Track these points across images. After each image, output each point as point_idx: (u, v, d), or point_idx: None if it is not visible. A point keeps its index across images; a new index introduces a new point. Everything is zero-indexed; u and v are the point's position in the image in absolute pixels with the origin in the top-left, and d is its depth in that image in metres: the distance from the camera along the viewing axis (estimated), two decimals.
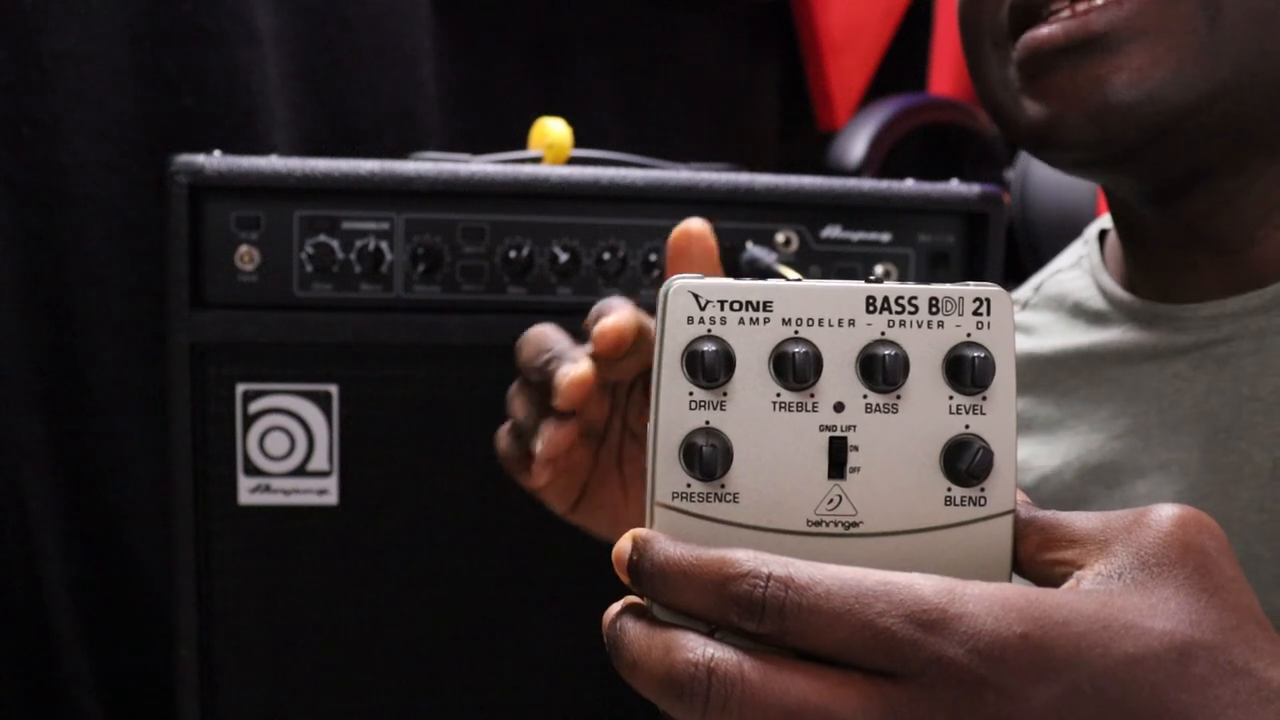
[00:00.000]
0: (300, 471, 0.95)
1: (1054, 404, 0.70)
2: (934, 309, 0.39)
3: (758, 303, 0.38)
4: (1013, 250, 1.35)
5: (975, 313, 0.39)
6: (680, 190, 0.97)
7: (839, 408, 0.39)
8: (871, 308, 0.39)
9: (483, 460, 0.99)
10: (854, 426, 0.39)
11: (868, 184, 1.02)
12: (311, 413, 0.95)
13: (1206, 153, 0.60)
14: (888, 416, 0.39)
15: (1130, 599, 0.36)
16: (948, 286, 0.39)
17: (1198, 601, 0.36)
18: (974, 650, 0.34)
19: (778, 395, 0.38)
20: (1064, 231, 0.84)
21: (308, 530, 0.96)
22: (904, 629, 0.34)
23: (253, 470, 0.95)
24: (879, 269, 1.02)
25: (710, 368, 0.38)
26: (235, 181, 0.91)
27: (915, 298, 0.39)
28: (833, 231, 1.00)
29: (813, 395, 0.38)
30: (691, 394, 0.38)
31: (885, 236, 1.01)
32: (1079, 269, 0.75)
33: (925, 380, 0.39)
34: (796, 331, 0.38)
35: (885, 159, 1.49)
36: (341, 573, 0.97)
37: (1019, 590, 0.36)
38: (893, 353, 0.38)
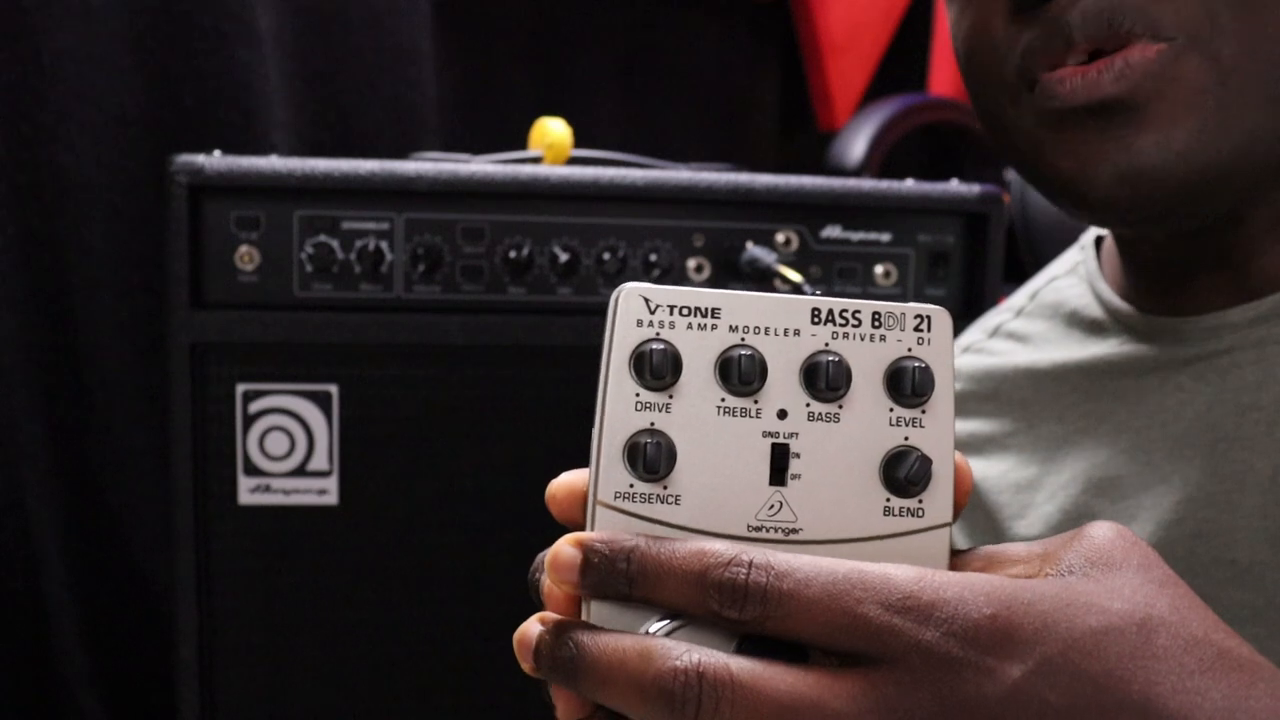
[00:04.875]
0: (300, 471, 0.95)
1: (1056, 420, 0.70)
2: (876, 323, 0.40)
3: (706, 309, 0.39)
4: (1013, 250, 1.35)
5: (916, 329, 0.40)
6: (680, 190, 0.97)
7: (782, 415, 0.39)
8: (816, 319, 0.39)
9: (482, 460, 0.99)
10: (796, 434, 0.39)
11: (868, 184, 1.02)
12: (311, 413, 0.95)
13: (1235, 196, 0.60)
14: (829, 425, 0.39)
15: (1088, 585, 0.37)
16: (891, 304, 0.40)
17: (1149, 587, 0.38)
18: (950, 633, 0.35)
19: (722, 400, 0.39)
20: (1064, 232, 0.84)
21: (308, 530, 0.96)
22: (882, 615, 0.36)
23: (253, 470, 0.95)
24: (878, 269, 1.02)
25: (658, 368, 0.38)
26: (235, 181, 0.92)
27: (859, 311, 0.40)
28: (833, 231, 1.00)
29: (756, 401, 0.39)
30: (638, 395, 0.39)
31: (885, 236, 1.01)
32: (1075, 276, 0.75)
33: (866, 392, 0.39)
34: (743, 339, 0.39)
35: (885, 159, 1.49)
36: (341, 573, 0.97)
37: (984, 577, 0.37)
38: (836, 361, 0.39)
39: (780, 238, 0.99)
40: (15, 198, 1.11)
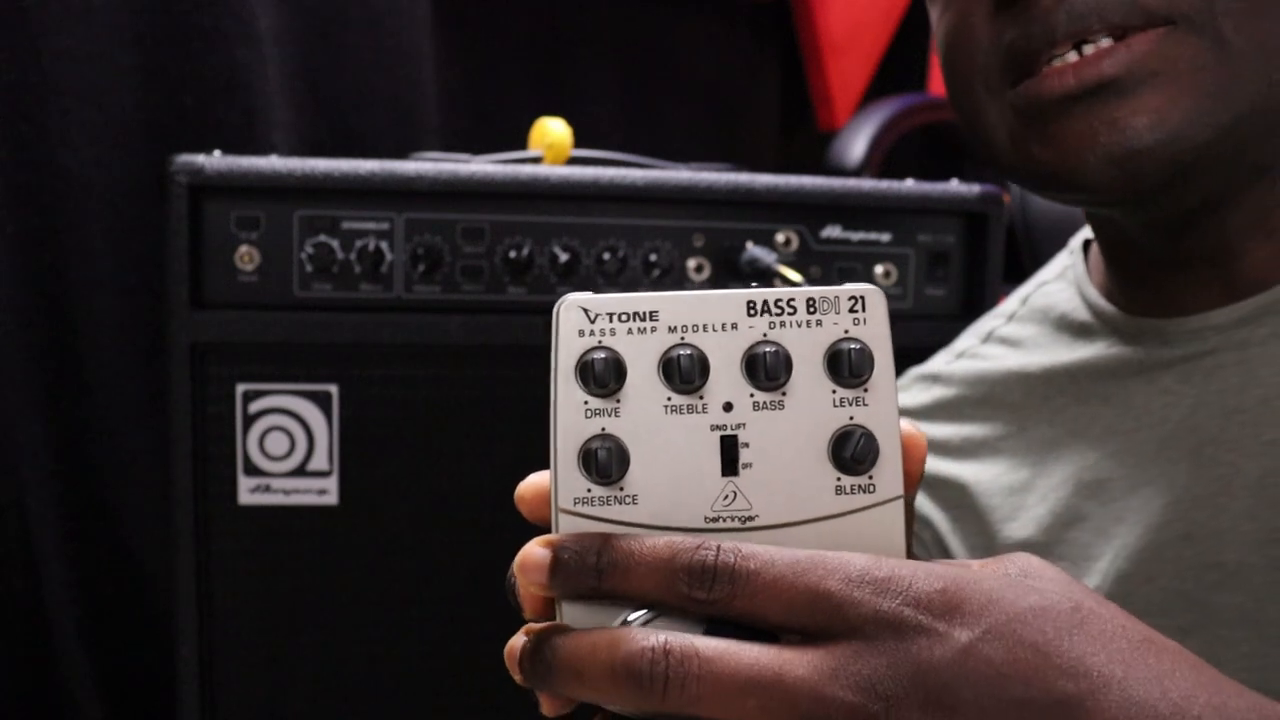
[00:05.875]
0: (300, 471, 0.95)
1: (1047, 423, 0.70)
2: (811, 309, 0.41)
3: (644, 313, 0.41)
4: (1013, 250, 1.35)
5: (851, 310, 0.41)
6: (680, 190, 0.97)
7: (728, 407, 0.40)
8: (752, 311, 0.41)
9: (483, 460, 0.99)
10: (743, 424, 0.40)
11: (868, 184, 1.02)
12: (311, 413, 0.95)
13: (1218, 182, 0.60)
14: (775, 413, 0.40)
15: (1027, 581, 0.40)
16: (824, 288, 0.41)
17: (1078, 593, 0.40)
18: (905, 602, 0.38)
19: (669, 399, 0.40)
20: (1064, 231, 0.84)
21: (308, 530, 0.96)
22: (844, 590, 0.38)
23: (253, 470, 0.95)
24: (879, 269, 1.02)
25: (601, 376, 0.40)
26: (235, 181, 0.92)
27: (793, 300, 0.41)
28: (833, 231, 1.01)
29: (702, 397, 0.40)
30: (586, 403, 0.40)
31: (885, 236, 1.01)
32: (1064, 280, 0.75)
33: (808, 377, 0.41)
34: (683, 338, 0.40)
35: (885, 159, 1.49)
36: (341, 573, 0.97)
37: (933, 563, 0.40)
38: (775, 350, 0.40)
39: (780, 238, 0.99)
40: (15, 198, 1.11)
